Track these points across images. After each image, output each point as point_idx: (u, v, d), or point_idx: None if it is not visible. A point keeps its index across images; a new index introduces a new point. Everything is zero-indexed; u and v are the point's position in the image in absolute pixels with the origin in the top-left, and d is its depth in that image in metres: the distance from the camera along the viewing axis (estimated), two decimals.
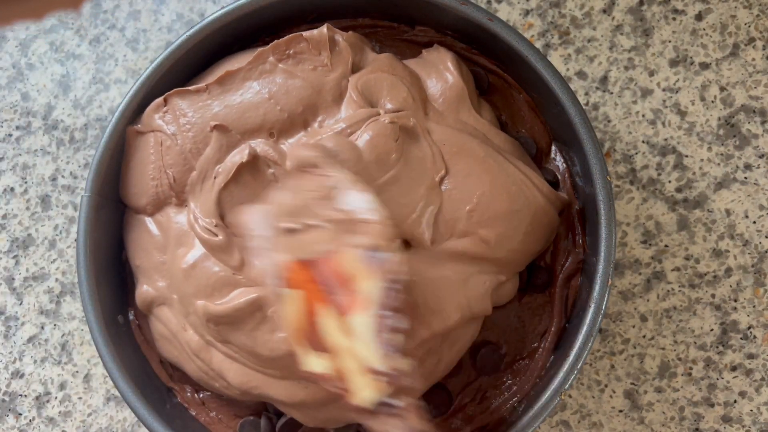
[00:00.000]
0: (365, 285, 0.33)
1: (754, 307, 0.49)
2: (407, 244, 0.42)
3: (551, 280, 0.46)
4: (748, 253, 0.50)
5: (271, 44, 0.43)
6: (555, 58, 0.52)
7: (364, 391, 0.32)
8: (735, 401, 0.49)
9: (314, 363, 0.34)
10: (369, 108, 0.42)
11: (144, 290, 0.45)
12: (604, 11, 0.52)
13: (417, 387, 0.33)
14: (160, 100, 0.44)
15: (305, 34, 0.43)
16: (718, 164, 0.50)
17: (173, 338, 0.44)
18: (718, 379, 0.49)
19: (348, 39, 0.44)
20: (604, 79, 0.51)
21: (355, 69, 0.43)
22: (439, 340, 0.42)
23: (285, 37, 0.43)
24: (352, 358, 0.32)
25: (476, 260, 0.42)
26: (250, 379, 0.43)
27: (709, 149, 0.51)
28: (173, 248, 0.43)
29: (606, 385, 0.50)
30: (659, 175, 0.51)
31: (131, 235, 0.45)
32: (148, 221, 0.45)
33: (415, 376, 0.33)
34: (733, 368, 0.49)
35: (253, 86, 0.43)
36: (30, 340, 0.53)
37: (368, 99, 0.43)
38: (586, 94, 0.51)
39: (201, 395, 0.47)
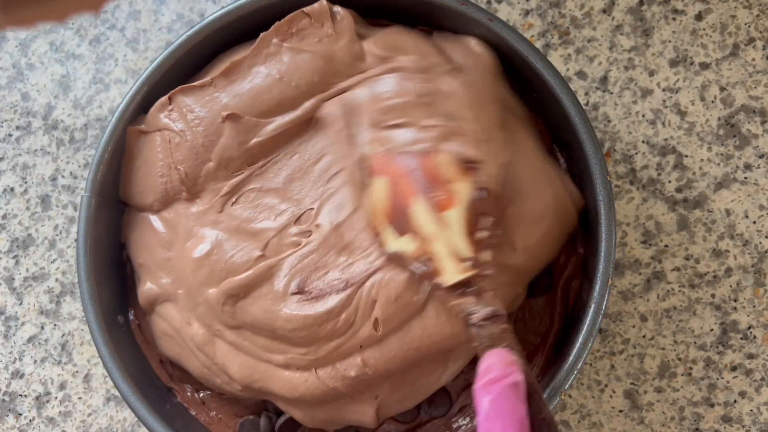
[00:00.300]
0: (459, 186, 0.38)
1: (754, 307, 0.49)
2: None
3: (552, 282, 0.46)
4: (748, 253, 0.50)
5: (272, 27, 0.43)
6: (555, 58, 0.52)
7: (451, 272, 0.37)
8: (735, 401, 0.49)
9: (400, 243, 0.39)
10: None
11: (147, 288, 0.44)
12: (604, 11, 0.52)
13: (495, 276, 0.38)
14: (164, 99, 0.43)
15: (306, 9, 0.43)
16: (718, 164, 0.50)
17: (176, 335, 0.44)
18: (718, 379, 0.49)
19: (347, 11, 0.43)
20: (604, 79, 0.51)
21: (362, 38, 0.43)
22: (447, 354, 0.42)
23: (286, 17, 0.43)
24: (443, 243, 0.38)
25: (502, 270, 0.41)
26: (253, 372, 0.43)
27: (709, 149, 0.51)
28: (181, 242, 0.43)
29: (606, 385, 0.50)
30: (659, 175, 0.51)
31: (133, 234, 0.45)
32: (153, 219, 0.44)
33: (494, 266, 0.38)
34: (733, 368, 0.49)
35: (261, 71, 0.43)
36: (30, 340, 0.53)
37: (395, 53, 0.42)
38: (586, 94, 0.51)
39: (201, 395, 0.47)
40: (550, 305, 0.46)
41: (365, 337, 0.40)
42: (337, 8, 0.43)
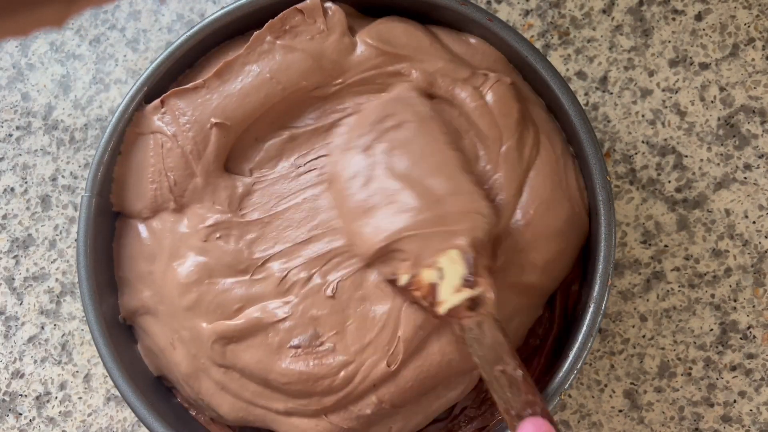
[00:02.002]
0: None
1: (753, 307, 0.49)
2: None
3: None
4: (748, 253, 0.50)
5: (266, 25, 0.43)
6: (555, 58, 0.52)
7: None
8: (734, 401, 0.49)
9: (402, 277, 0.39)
10: (393, 54, 0.42)
11: (125, 301, 0.44)
12: (604, 11, 0.52)
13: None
14: (157, 102, 0.43)
15: (298, 5, 0.42)
16: (718, 164, 0.50)
17: (161, 355, 0.44)
18: (717, 379, 0.49)
19: (340, 5, 0.43)
20: (604, 80, 0.52)
21: (353, 34, 0.43)
22: (466, 374, 0.42)
23: (279, 15, 0.43)
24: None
25: (522, 291, 0.41)
26: (247, 414, 0.42)
27: (709, 149, 0.51)
28: (166, 259, 0.42)
29: (606, 385, 0.50)
30: (659, 175, 0.51)
31: (119, 242, 0.45)
32: (141, 227, 0.44)
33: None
34: (733, 368, 0.49)
35: (253, 69, 0.42)
36: (30, 340, 0.53)
37: (386, 44, 0.42)
38: (586, 94, 0.52)
39: None
40: (549, 308, 0.46)
41: (378, 377, 0.40)
42: (329, 4, 0.43)
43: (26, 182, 0.54)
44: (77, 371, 0.52)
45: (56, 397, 0.52)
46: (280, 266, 0.42)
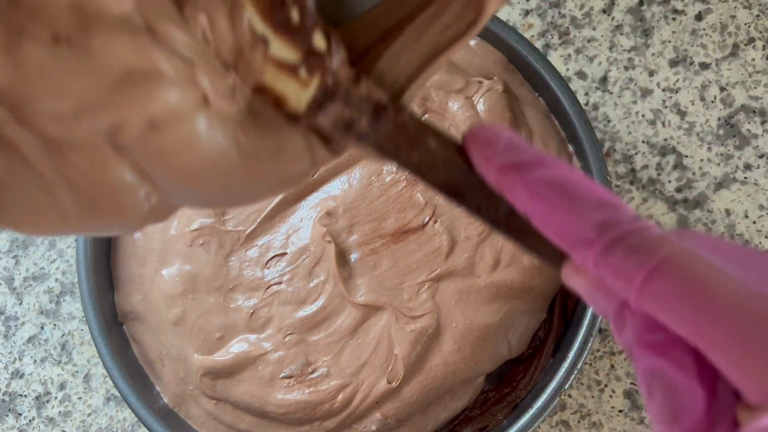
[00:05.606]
0: None
1: None
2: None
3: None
4: None
5: None
6: (555, 58, 0.52)
7: (294, 91, 0.19)
8: None
9: None
10: None
11: (119, 302, 0.44)
12: (604, 11, 0.52)
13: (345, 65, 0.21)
14: None
15: None
16: (718, 164, 0.50)
17: (152, 366, 0.43)
18: None
19: None
20: (604, 80, 0.51)
21: None
22: (471, 381, 0.42)
23: None
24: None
25: (521, 294, 0.41)
26: None
27: (709, 149, 0.51)
28: (154, 263, 0.42)
29: (606, 385, 0.50)
30: (659, 175, 0.51)
31: (115, 242, 0.45)
32: None
33: (339, 49, 0.20)
34: None
35: None
36: (30, 340, 0.53)
37: None
38: (586, 94, 0.51)
39: None
40: (549, 309, 0.45)
41: (380, 394, 0.40)
42: None
43: None
44: (77, 371, 0.52)
45: (56, 397, 0.52)
46: (247, 302, 0.41)
